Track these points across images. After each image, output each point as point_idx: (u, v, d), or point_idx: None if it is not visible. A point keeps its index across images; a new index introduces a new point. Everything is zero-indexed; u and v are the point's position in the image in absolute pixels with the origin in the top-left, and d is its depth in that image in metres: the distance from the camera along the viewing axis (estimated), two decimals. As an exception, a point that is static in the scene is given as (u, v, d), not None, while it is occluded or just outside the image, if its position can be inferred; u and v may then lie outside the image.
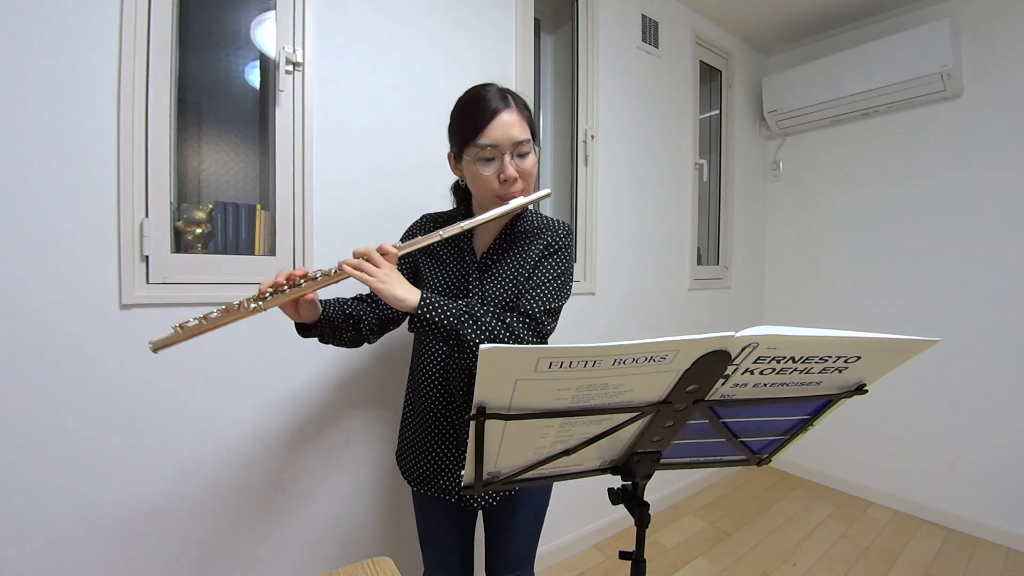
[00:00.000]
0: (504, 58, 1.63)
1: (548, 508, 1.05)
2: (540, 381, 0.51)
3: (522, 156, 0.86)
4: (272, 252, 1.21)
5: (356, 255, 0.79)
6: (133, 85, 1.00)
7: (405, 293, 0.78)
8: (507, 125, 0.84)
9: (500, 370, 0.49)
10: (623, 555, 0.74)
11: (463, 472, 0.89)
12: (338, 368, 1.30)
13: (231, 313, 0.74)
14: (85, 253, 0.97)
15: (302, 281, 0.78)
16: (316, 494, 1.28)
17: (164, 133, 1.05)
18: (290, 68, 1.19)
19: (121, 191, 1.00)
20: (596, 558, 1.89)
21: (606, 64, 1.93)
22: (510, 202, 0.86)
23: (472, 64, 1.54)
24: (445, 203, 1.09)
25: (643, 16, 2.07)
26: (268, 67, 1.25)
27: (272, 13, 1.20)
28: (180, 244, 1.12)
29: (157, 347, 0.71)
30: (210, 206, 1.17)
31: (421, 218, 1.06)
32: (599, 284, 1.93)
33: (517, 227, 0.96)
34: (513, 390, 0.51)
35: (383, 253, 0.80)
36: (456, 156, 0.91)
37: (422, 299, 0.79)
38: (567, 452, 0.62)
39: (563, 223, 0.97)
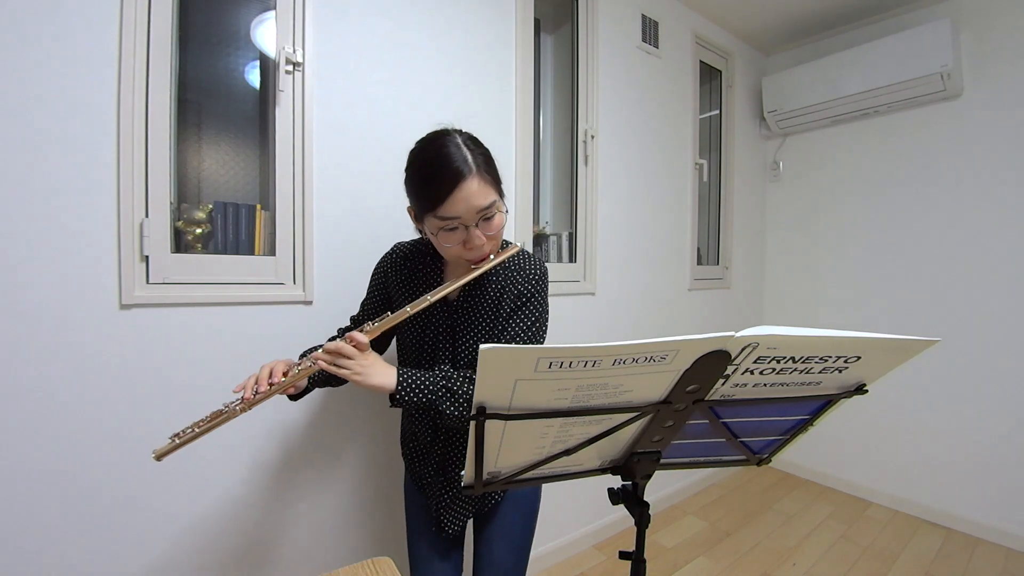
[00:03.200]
0: (504, 58, 1.63)
1: (540, 514, 1.04)
2: (540, 381, 0.51)
3: (488, 219, 0.81)
4: (272, 252, 1.21)
5: (328, 351, 0.79)
6: (133, 85, 1.00)
7: (382, 381, 0.79)
8: (470, 196, 0.77)
9: (500, 370, 0.49)
10: (623, 555, 0.74)
11: (463, 472, 0.89)
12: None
13: (221, 416, 0.77)
14: (85, 253, 0.97)
15: (283, 379, 0.80)
16: (316, 494, 1.28)
17: (164, 133, 1.05)
18: (290, 68, 1.19)
19: (121, 191, 1.00)
20: (596, 558, 1.89)
21: (606, 64, 1.93)
22: (481, 265, 0.83)
23: (472, 64, 1.54)
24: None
25: (643, 16, 2.07)
26: (268, 67, 1.25)
27: (272, 13, 1.20)
28: (180, 244, 1.12)
29: (160, 455, 0.75)
30: (210, 206, 1.17)
31: (392, 250, 1.01)
32: (599, 284, 1.93)
33: (488, 273, 0.90)
34: (513, 390, 0.51)
35: (354, 343, 0.79)
36: (416, 216, 0.86)
37: (399, 383, 0.80)
38: (567, 452, 0.62)
39: (537, 266, 0.92)
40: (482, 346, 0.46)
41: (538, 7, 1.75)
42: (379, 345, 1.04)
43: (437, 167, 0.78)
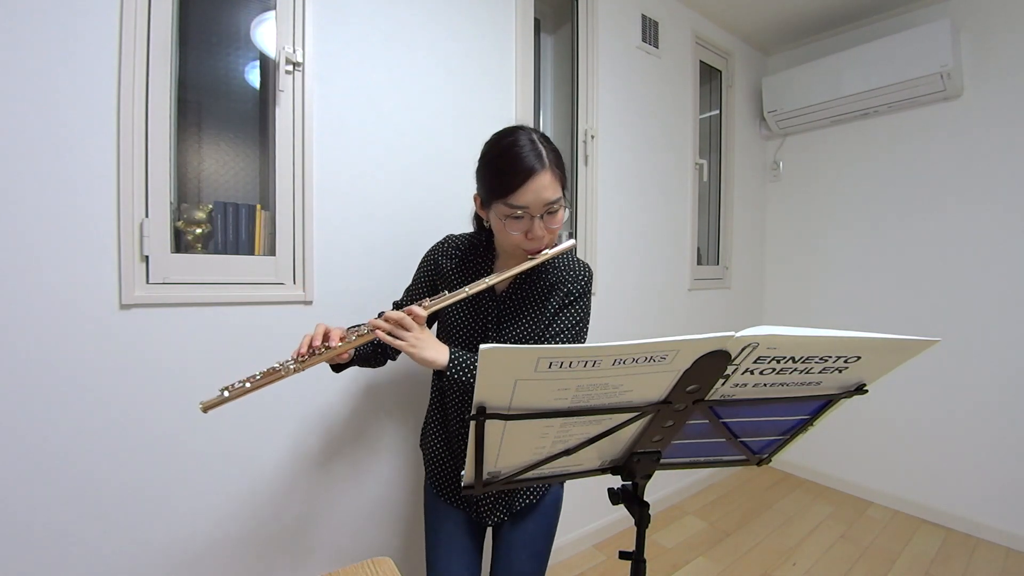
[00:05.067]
0: (504, 58, 1.63)
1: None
2: (540, 381, 0.51)
3: (552, 213, 0.85)
4: (272, 252, 1.21)
5: (389, 319, 0.81)
6: (133, 85, 1.00)
7: (435, 355, 0.82)
8: (540, 188, 0.81)
9: (500, 370, 0.49)
10: (623, 555, 0.74)
11: (463, 472, 0.90)
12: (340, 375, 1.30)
13: (273, 374, 0.78)
14: (85, 253, 0.97)
15: (340, 343, 0.82)
16: (315, 495, 1.28)
17: (164, 133, 1.05)
18: (290, 68, 1.19)
19: (121, 191, 0.99)
20: (596, 558, 1.89)
21: (606, 64, 1.93)
22: (536, 256, 0.87)
23: (472, 64, 1.54)
24: (445, 203, 1.09)
25: (643, 16, 2.07)
26: (268, 67, 1.25)
27: (272, 13, 1.20)
28: (180, 244, 1.12)
29: (207, 407, 0.75)
30: (210, 206, 1.17)
31: (444, 241, 1.04)
32: (599, 284, 1.93)
33: (539, 270, 0.95)
34: (513, 390, 0.51)
35: (412, 315, 0.82)
36: (483, 203, 0.90)
37: (451, 360, 0.82)
38: (567, 452, 0.62)
39: (585, 268, 0.97)
40: (482, 346, 0.46)
41: (538, 7, 1.75)
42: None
43: (513, 157, 0.83)
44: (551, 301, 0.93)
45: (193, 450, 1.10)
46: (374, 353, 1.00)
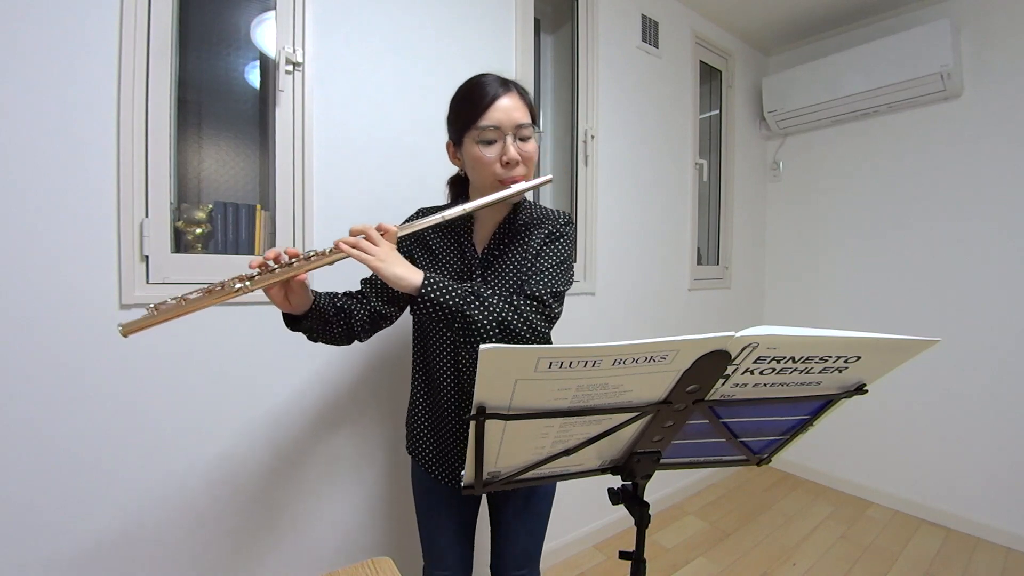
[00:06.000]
0: (504, 58, 1.63)
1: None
2: (540, 381, 0.51)
3: (524, 140, 0.86)
4: (272, 252, 1.21)
5: (353, 233, 0.75)
6: (133, 85, 1.00)
7: (406, 272, 0.74)
8: (509, 108, 0.84)
9: (500, 370, 0.49)
10: (623, 555, 0.74)
11: (463, 472, 0.89)
12: (336, 370, 1.30)
13: (213, 294, 0.67)
14: (85, 253, 0.97)
15: (293, 261, 0.72)
16: (315, 495, 1.28)
17: (164, 133, 1.05)
18: (290, 68, 1.19)
19: (121, 191, 0.99)
20: (596, 558, 1.89)
21: (606, 64, 1.93)
22: (512, 186, 0.83)
23: (472, 64, 1.54)
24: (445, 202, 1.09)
25: (643, 16, 2.07)
26: (268, 67, 1.25)
27: (272, 13, 1.20)
28: (180, 244, 1.12)
29: (128, 330, 0.64)
30: (210, 206, 1.17)
31: (416, 212, 1.02)
32: (599, 284, 1.93)
33: (517, 219, 0.94)
34: (513, 390, 0.51)
35: (382, 232, 0.76)
36: (456, 142, 0.91)
37: (426, 279, 0.75)
38: (567, 452, 0.62)
39: (563, 212, 0.97)
40: (482, 346, 0.46)
41: (538, 7, 1.75)
42: (392, 303, 0.97)
43: (479, 87, 0.86)
44: (533, 239, 0.92)
45: (193, 450, 1.10)
46: (336, 316, 0.88)
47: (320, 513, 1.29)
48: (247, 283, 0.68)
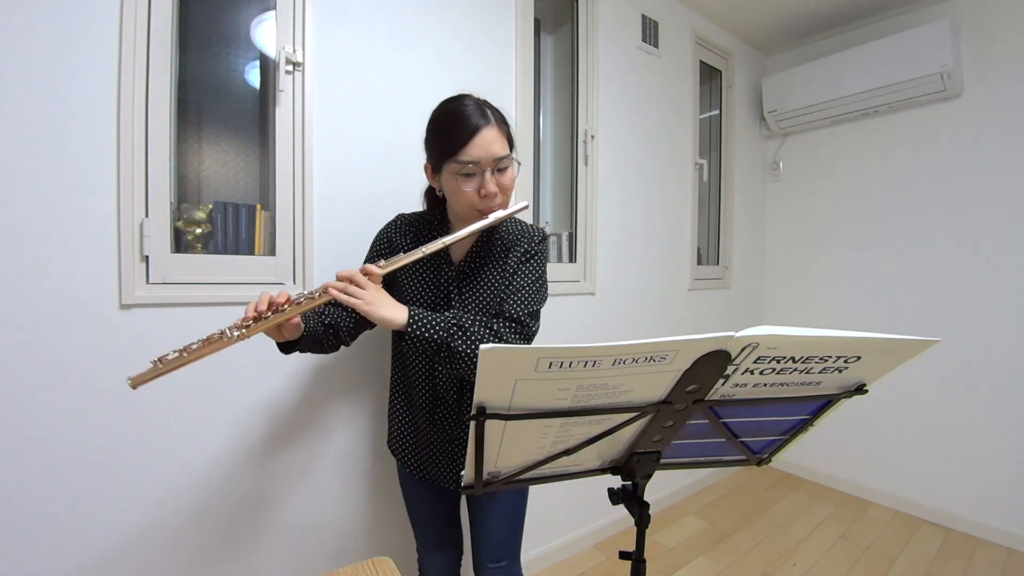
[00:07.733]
0: (504, 58, 1.63)
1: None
2: (540, 381, 0.51)
3: (501, 171, 0.88)
4: (272, 252, 1.21)
5: (340, 278, 0.80)
6: (133, 85, 1.00)
7: (392, 313, 0.81)
8: (488, 142, 0.84)
9: (500, 370, 0.49)
10: (623, 555, 0.74)
11: (463, 472, 0.90)
12: (336, 370, 1.30)
13: (212, 343, 0.73)
14: (85, 253, 0.97)
15: (285, 307, 0.78)
16: (313, 495, 1.28)
17: (164, 133, 1.05)
18: (290, 68, 1.19)
19: (121, 191, 0.99)
20: (596, 558, 1.89)
21: (606, 64, 1.93)
22: (489, 216, 0.87)
23: (472, 64, 1.54)
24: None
25: (643, 16, 2.07)
26: (268, 67, 1.25)
27: (272, 13, 1.20)
28: (180, 244, 1.12)
29: (136, 383, 0.70)
30: (210, 206, 1.17)
31: (396, 219, 1.04)
32: (599, 284, 1.93)
33: (494, 235, 0.97)
34: (513, 390, 0.51)
35: (367, 274, 0.81)
36: (434, 168, 0.92)
37: (410, 317, 0.81)
38: (567, 452, 0.62)
39: (538, 229, 1.00)
40: (482, 346, 0.46)
41: (538, 7, 1.75)
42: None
43: (460, 115, 0.86)
44: (510, 259, 0.94)
45: (192, 450, 1.10)
46: (325, 334, 0.95)
47: (321, 513, 1.29)
48: (243, 331, 0.75)
